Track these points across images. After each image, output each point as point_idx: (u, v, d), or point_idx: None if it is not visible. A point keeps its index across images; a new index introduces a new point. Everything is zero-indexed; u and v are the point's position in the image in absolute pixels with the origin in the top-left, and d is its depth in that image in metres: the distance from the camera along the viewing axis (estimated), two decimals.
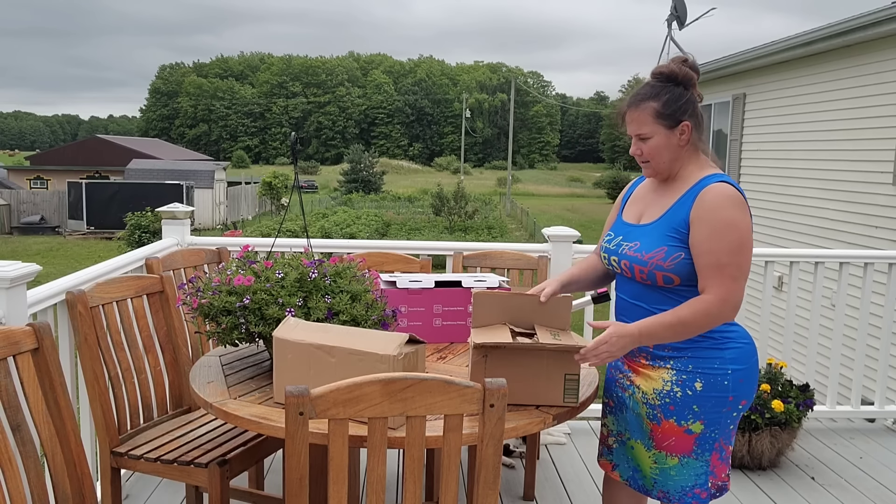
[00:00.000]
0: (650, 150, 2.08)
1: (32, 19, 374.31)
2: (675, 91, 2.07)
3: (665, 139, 2.07)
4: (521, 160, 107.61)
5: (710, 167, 2.10)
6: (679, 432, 2.08)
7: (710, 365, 2.05)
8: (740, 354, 2.08)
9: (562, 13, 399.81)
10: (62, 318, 2.70)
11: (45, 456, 2.05)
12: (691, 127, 2.07)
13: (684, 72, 2.08)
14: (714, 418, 2.07)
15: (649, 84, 2.10)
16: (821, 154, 8.83)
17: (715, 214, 1.98)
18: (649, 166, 2.12)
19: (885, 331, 4.15)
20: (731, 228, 1.97)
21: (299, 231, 24.28)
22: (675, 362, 2.09)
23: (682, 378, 2.07)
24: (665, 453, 2.11)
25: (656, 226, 2.09)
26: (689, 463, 2.10)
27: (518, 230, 34.69)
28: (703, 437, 2.08)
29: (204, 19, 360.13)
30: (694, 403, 2.06)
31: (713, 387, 2.05)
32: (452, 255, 3.91)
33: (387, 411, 1.63)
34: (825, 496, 3.40)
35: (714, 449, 2.10)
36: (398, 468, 3.50)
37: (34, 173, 42.04)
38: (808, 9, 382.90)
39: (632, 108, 2.09)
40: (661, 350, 2.11)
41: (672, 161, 2.10)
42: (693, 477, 2.10)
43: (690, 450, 2.09)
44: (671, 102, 2.05)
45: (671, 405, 2.08)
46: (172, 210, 3.94)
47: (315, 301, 2.21)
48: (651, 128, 2.07)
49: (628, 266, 2.12)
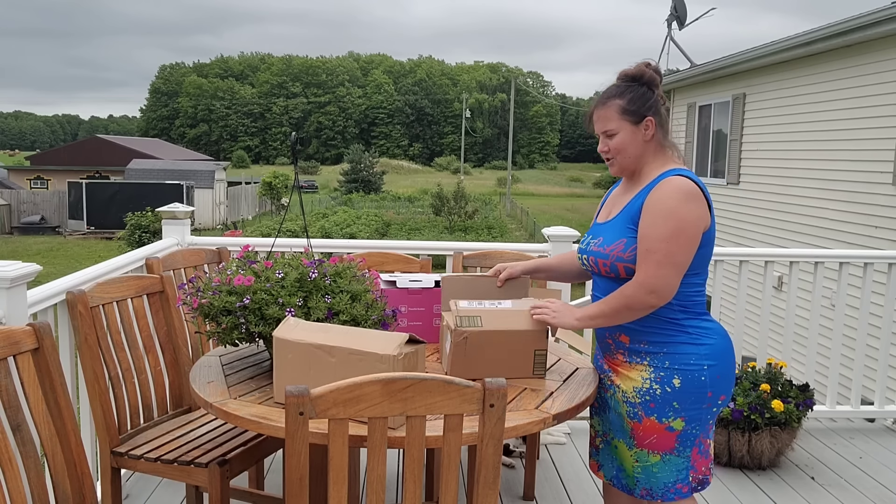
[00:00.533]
0: (616, 145, 2.16)
1: (32, 20, 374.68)
2: (638, 90, 2.15)
3: (630, 134, 2.14)
4: (521, 160, 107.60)
5: (673, 163, 2.17)
6: (661, 430, 2.11)
7: (687, 361, 2.09)
8: (715, 350, 2.11)
9: (561, 13, 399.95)
10: (62, 318, 2.70)
11: (46, 456, 2.06)
12: (655, 123, 2.14)
13: (648, 73, 2.17)
14: (694, 414, 2.10)
15: (615, 84, 2.20)
16: (821, 154, 8.83)
17: (658, 203, 2.04)
18: (615, 163, 2.19)
19: (884, 331, 4.15)
20: (670, 217, 2.02)
21: (299, 231, 24.28)
22: (652, 359, 2.13)
23: (660, 375, 2.11)
24: (647, 451, 2.15)
25: (616, 220, 2.17)
26: (671, 459, 2.13)
27: (518, 230, 34.70)
28: (684, 433, 2.11)
29: (204, 20, 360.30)
30: (674, 400, 2.09)
31: (691, 383, 2.08)
32: (452, 255, 3.91)
33: (387, 411, 1.63)
34: (825, 496, 3.40)
35: (695, 444, 2.14)
36: (398, 468, 3.50)
37: (34, 173, 42.05)
38: (806, 9, 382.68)
39: (598, 107, 2.18)
40: (638, 346, 2.15)
41: (637, 157, 2.16)
42: (675, 472, 2.14)
43: (672, 447, 2.12)
44: (635, 100, 2.14)
45: (651, 402, 2.11)
46: (172, 210, 3.94)
47: (315, 301, 2.21)
48: (617, 123, 2.14)
49: (594, 261, 2.19)
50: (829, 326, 4.33)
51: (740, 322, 4.13)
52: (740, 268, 4.11)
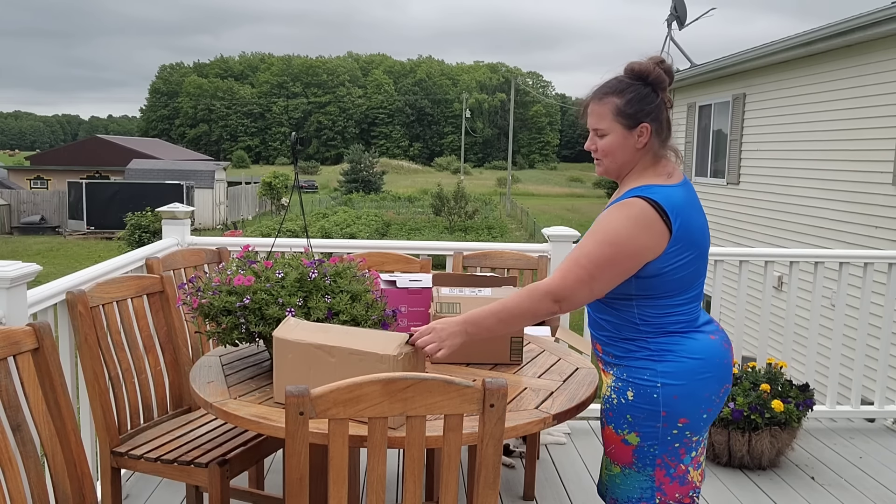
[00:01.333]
0: (604, 146, 2.00)
1: (32, 20, 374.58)
2: (641, 91, 1.96)
3: (621, 139, 1.98)
4: (521, 160, 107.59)
5: (655, 177, 1.98)
6: (617, 440, 2.03)
7: (641, 375, 1.97)
8: (677, 369, 1.95)
9: (561, 14, 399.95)
10: (62, 318, 2.70)
11: (46, 456, 2.06)
12: (651, 130, 1.97)
13: (657, 73, 1.97)
14: (649, 432, 1.98)
15: (617, 79, 2.00)
16: (821, 154, 8.83)
17: (605, 222, 1.92)
18: (601, 164, 2.04)
19: (884, 331, 4.15)
20: (609, 240, 1.89)
21: (299, 231, 24.28)
22: (616, 370, 2.05)
23: (618, 385, 2.02)
24: (609, 459, 2.08)
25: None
26: (631, 474, 2.03)
27: (518, 230, 34.71)
28: (640, 450, 2.00)
29: (202, 22, 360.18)
30: (627, 412, 2.00)
31: (643, 398, 1.97)
32: (452, 255, 3.91)
33: (387, 411, 1.63)
34: (825, 496, 3.40)
35: (657, 465, 2.00)
36: (398, 468, 3.50)
37: (34, 173, 42.04)
38: (805, 10, 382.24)
39: (594, 101, 2.01)
40: (607, 356, 2.08)
41: (624, 163, 2.01)
42: (638, 490, 2.03)
43: (630, 461, 2.02)
44: (635, 102, 1.96)
45: (610, 411, 2.05)
46: (172, 210, 3.95)
47: (315, 301, 2.21)
48: (609, 124, 1.98)
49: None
50: (829, 326, 4.34)
51: (740, 322, 4.14)
52: (740, 268, 4.11)
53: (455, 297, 2.48)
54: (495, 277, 2.82)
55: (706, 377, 1.96)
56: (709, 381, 1.97)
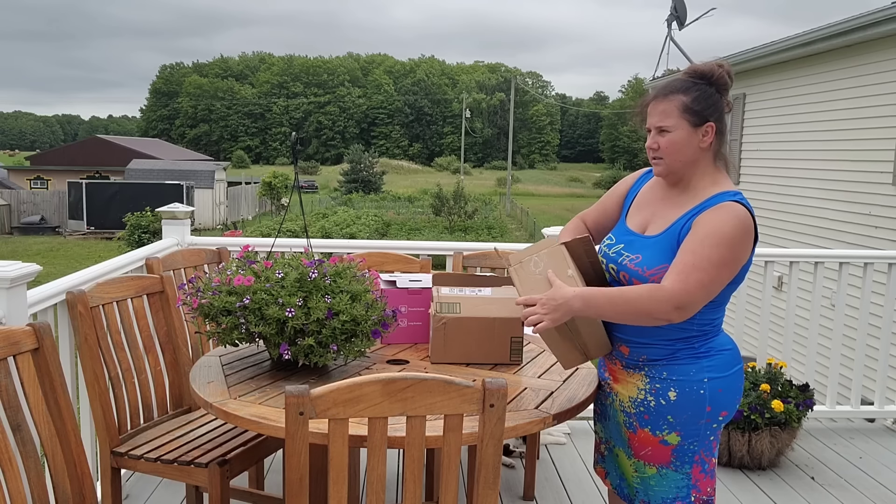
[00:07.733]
0: (668, 144, 1.97)
1: (32, 22, 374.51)
2: (706, 90, 1.98)
3: (686, 136, 1.96)
4: (521, 160, 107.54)
5: (724, 183, 2.00)
6: (654, 442, 2.02)
7: (686, 372, 1.97)
8: (720, 362, 1.99)
9: (560, 14, 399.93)
10: (62, 318, 2.70)
11: (46, 456, 2.05)
12: (715, 129, 1.98)
13: (719, 73, 1.99)
14: (691, 430, 1.99)
15: (681, 79, 2.01)
16: (821, 154, 8.83)
17: (716, 225, 1.89)
18: (662, 163, 2.01)
19: (884, 331, 4.15)
20: (725, 245, 1.87)
21: (299, 231, 24.28)
22: (650, 369, 2.02)
23: (655, 387, 2.00)
24: (643, 462, 2.06)
25: (659, 240, 2.00)
26: (669, 474, 2.03)
27: (518, 230, 34.71)
28: (680, 448, 2.00)
29: (199, 25, 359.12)
30: (668, 414, 1.99)
31: (688, 396, 1.96)
32: (452, 255, 3.91)
33: (387, 411, 1.63)
34: (825, 496, 3.40)
35: (695, 462, 2.02)
36: (398, 468, 3.50)
37: (34, 173, 42.03)
38: (785, 14, 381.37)
39: (658, 99, 1.99)
40: (637, 360, 2.05)
41: (687, 163, 1.99)
42: (674, 489, 2.03)
43: (668, 461, 2.02)
44: (700, 100, 1.96)
45: (645, 414, 2.02)
46: (172, 210, 3.94)
47: (315, 301, 2.21)
48: (675, 121, 1.96)
49: (627, 279, 2.03)
50: (829, 326, 4.33)
51: (740, 322, 4.13)
52: None
53: (455, 297, 2.47)
54: (495, 277, 2.82)
55: (739, 367, 2.05)
56: (741, 371, 2.06)
